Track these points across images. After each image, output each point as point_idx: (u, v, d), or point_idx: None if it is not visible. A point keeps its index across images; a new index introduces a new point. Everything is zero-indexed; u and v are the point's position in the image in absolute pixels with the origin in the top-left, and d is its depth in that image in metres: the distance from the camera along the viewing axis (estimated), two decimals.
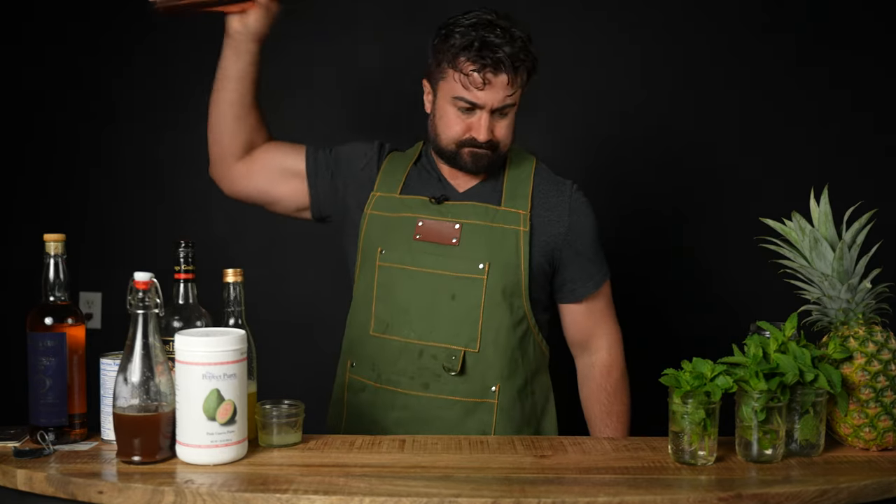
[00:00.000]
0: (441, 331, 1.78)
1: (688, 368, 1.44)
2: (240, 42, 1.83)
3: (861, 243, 1.54)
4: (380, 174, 1.91)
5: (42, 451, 1.42)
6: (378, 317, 1.83)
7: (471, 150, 1.80)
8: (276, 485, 1.29)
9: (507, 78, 1.75)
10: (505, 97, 1.77)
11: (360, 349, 1.87)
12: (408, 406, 1.80)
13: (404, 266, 1.81)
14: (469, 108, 1.78)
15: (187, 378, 1.37)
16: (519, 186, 1.86)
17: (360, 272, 1.89)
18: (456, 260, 1.79)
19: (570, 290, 1.88)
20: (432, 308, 1.79)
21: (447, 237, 1.81)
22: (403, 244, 1.82)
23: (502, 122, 1.80)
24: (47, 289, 1.47)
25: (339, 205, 1.93)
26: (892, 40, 2.64)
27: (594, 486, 1.31)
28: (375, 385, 1.84)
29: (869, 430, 1.48)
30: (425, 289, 1.80)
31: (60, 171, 2.75)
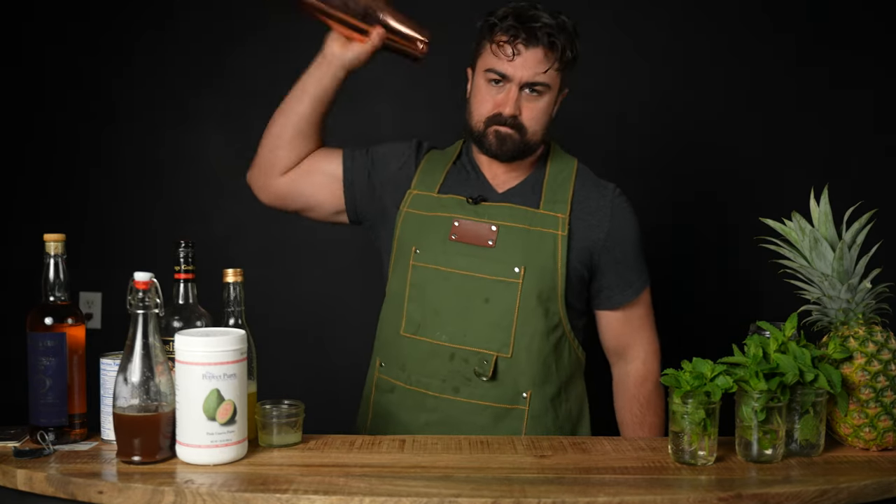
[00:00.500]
0: (473, 334, 1.76)
1: (688, 368, 1.44)
2: (333, 66, 1.82)
3: (861, 243, 1.54)
4: (418, 172, 1.89)
5: (42, 451, 1.42)
6: (409, 317, 1.81)
7: (496, 130, 1.77)
8: (276, 485, 1.29)
9: (540, 52, 1.73)
10: (536, 73, 1.74)
11: (390, 349, 1.85)
12: (437, 409, 1.77)
13: (438, 267, 1.79)
14: (499, 79, 1.76)
15: (187, 378, 1.37)
16: (559, 189, 1.82)
17: (394, 271, 1.87)
18: (491, 262, 1.76)
19: (606, 296, 1.85)
20: (465, 311, 1.76)
21: (483, 238, 1.78)
22: (438, 244, 1.80)
23: (532, 104, 1.77)
24: (47, 289, 1.47)
25: (375, 205, 1.91)
26: (892, 40, 2.64)
27: (594, 486, 1.31)
28: (405, 386, 1.81)
29: (869, 430, 1.48)
30: (459, 291, 1.77)
31: (60, 171, 2.75)
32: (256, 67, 2.73)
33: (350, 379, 2.75)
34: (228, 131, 2.76)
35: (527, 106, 1.77)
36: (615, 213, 1.82)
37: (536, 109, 1.77)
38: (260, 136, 2.85)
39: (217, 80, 2.73)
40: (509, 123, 1.76)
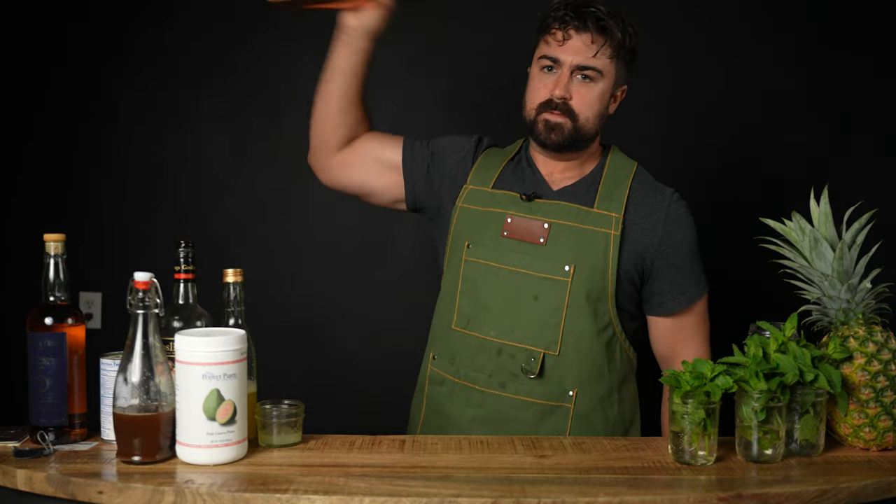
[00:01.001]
0: (521, 331, 1.75)
1: (688, 368, 1.44)
2: (353, 38, 1.82)
3: (861, 243, 1.54)
4: (474, 168, 1.89)
5: (42, 451, 1.42)
6: (461, 311, 1.81)
7: (546, 117, 1.77)
8: (276, 485, 1.29)
9: (590, 37, 1.75)
10: (587, 56, 1.75)
11: (441, 342, 1.86)
12: (483, 404, 1.78)
13: (490, 262, 1.79)
14: (551, 65, 1.77)
15: (187, 378, 1.37)
16: (615, 189, 1.81)
17: (448, 265, 1.88)
18: (542, 260, 1.76)
19: (658, 302, 1.82)
20: (514, 307, 1.76)
21: (535, 236, 1.77)
22: (491, 240, 1.80)
23: (584, 89, 1.77)
24: (47, 289, 1.47)
25: (433, 197, 1.91)
26: (891, 40, 2.64)
27: (594, 486, 1.31)
28: (453, 379, 1.82)
29: (869, 430, 1.48)
30: (508, 287, 1.77)
31: (61, 171, 2.75)
32: (257, 68, 2.73)
33: (350, 379, 2.76)
34: (228, 132, 2.76)
35: (578, 91, 1.77)
36: (670, 218, 1.80)
37: (588, 96, 1.78)
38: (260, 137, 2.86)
39: (217, 80, 2.73)
40: (560, 108, 1.77)
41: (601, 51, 1.75)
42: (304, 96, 1.94)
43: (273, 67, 2.72)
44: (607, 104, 1.82)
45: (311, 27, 2.67)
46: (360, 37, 1.82)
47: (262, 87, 2.73)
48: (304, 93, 1.89)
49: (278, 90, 2.73)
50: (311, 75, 2.77)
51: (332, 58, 1.85)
